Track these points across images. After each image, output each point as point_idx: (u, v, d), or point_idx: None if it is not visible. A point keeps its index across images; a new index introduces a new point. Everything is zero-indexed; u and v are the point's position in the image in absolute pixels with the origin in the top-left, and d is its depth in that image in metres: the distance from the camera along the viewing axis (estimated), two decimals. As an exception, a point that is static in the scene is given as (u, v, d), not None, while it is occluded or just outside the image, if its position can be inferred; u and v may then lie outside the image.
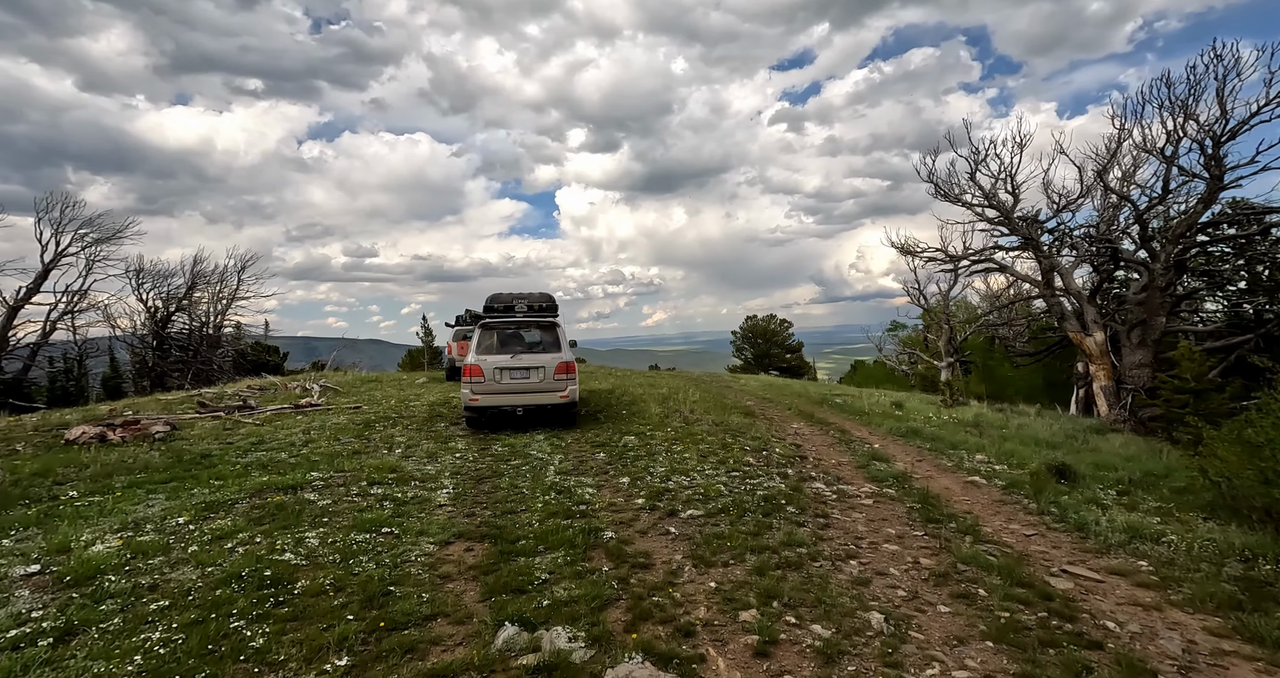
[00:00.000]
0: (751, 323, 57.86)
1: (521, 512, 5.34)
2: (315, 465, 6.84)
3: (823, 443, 9.32)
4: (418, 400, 13.14)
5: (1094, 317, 13.37)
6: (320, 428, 9.59)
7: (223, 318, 31.18)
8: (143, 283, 25.21)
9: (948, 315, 27.05)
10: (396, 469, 6.68)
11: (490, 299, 9.71)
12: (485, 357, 9.11)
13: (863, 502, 5.84)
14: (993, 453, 8.49)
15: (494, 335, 9.40)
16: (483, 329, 9.43)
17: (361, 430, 9.29)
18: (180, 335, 27.42)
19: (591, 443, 8.32)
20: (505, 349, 9.28)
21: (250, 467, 6.91)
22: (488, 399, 8.95)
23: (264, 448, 8.02)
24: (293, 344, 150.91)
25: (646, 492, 5.92)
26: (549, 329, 9.55)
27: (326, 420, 10.37)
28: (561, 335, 9.47)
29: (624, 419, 10.20)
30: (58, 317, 22.12)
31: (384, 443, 8.30)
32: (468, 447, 8.14)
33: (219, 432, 9.34)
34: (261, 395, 14.25)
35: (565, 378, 9.13)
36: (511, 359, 9.09)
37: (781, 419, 12.03)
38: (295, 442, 8.45)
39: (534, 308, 9.63)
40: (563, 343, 9.37)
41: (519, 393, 9.05)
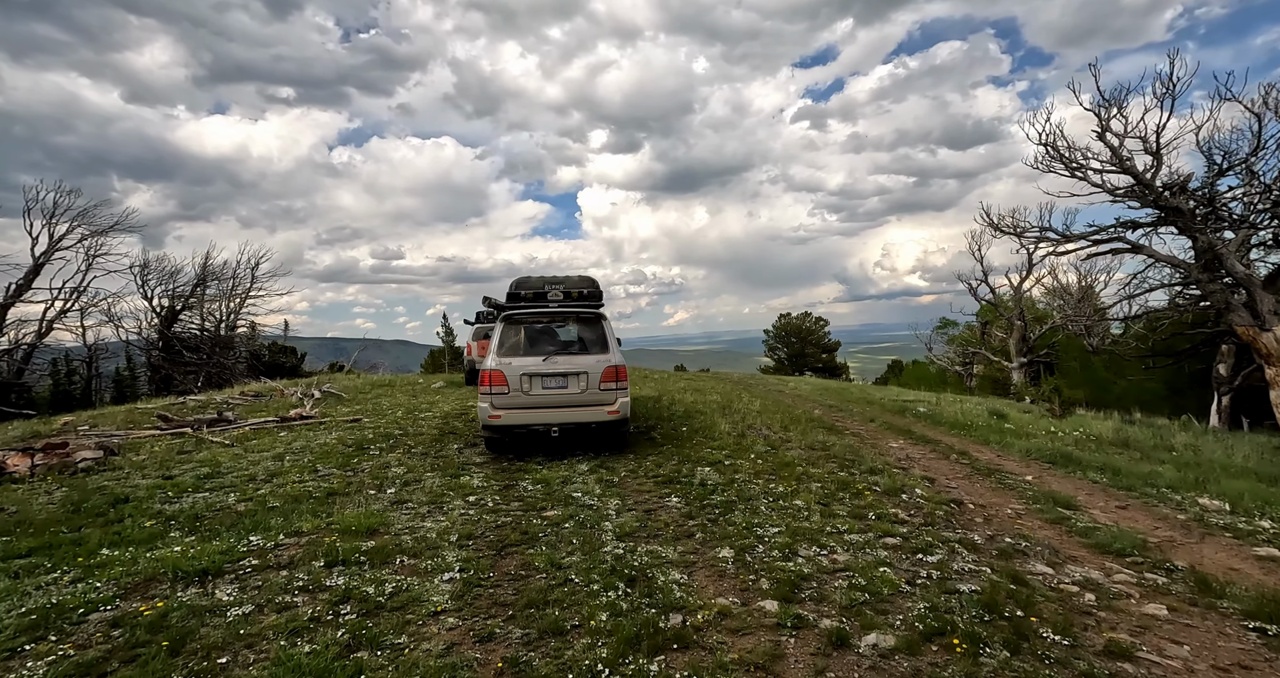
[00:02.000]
0: (785, 321, 55.19)
1: (573, 629, 3.09)
2: (263, 521, 4.68)
3: (956, 474, 6.92)
4: (429, 411, 11.03)
5: (1272, 306, 10.68)
6: (300, 451, 7.49)
7: (235, 317, 29.72)
8: (148, 280, 23.74)
9: (1021, 311, 24.18)
10: (379, 529, 4.49)
11: (515, 284, 7.49)
12: (510, 359, 6.89)
13: (1147, 610, 3.45)
14: (1220, 495, 6.00)
15: (520, 332, 7.17)
16: (506, 324, 7.21)
17: (350, 456, 7.16)
18: (189, 336, 25.95)
19: (655, 478, 6.04)
20: (535, 350, 7.05)
21: (173, 521, 4.78)
22: (513, 416, 6.74)
23: (211, 485, 5.91)
24: (322, 345, 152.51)
25: (771, 582, 3.62)
26: (592, 323, 7.30)
27: (312, 440, 8.29)
28: (608, 331, 7.21)
29: (687, 439, 7.92)
30: (55, 316, 20.64)
31: (374, 477, 6.13)
32: (486, 483, 5.94)
33: (170, 457, 7.29)
34: (249, 405, 12.30)
35: (614, 387, 6.88)
36: (544, 363, 6.86)
37: (873, 435, 9.63)
38: (258, 474, 6.34)
39: (572, 296, 7.37)
40: (610, 341, 7.12)
41: (554, 408, 6.82)
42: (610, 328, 7.21)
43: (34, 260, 19.13)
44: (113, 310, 23.08)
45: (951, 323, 42.43)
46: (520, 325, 7.17)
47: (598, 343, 7.09)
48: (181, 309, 24.75)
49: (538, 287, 7.44)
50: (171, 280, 24.46)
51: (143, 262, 23.55)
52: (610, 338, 7.12)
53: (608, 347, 7.04)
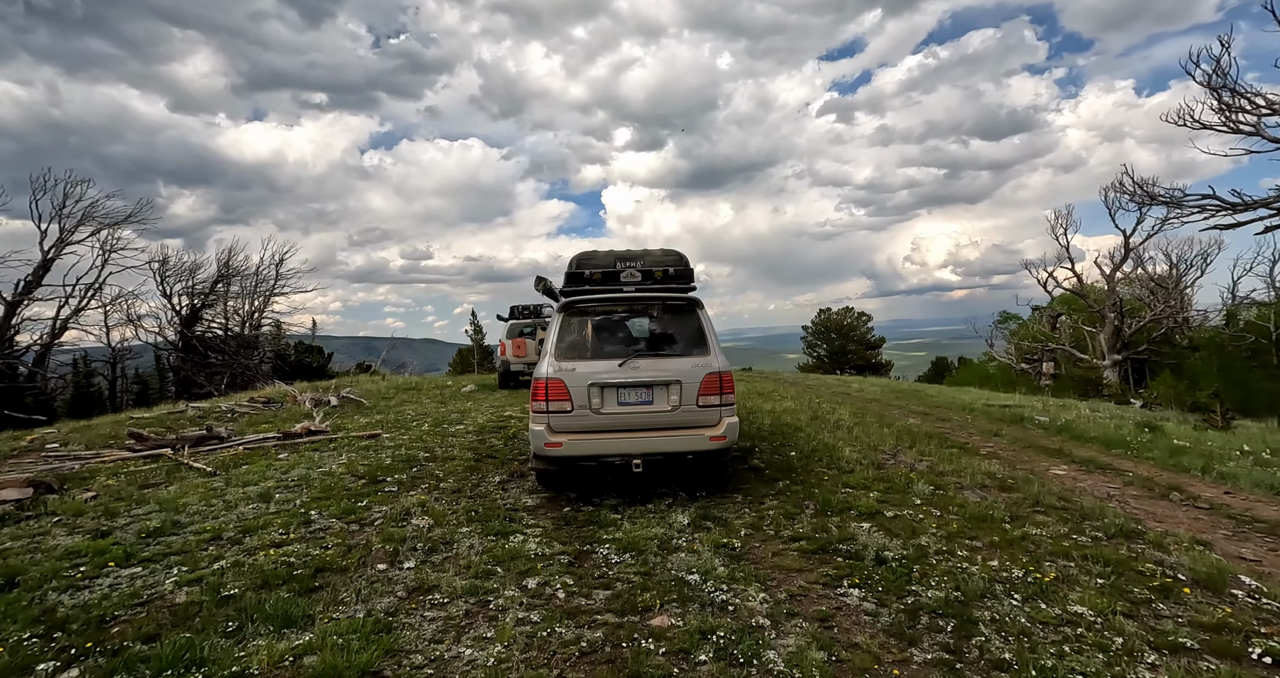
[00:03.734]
0: (825, 317, 52.61)
1: None
2: (197, 643, 2.81)
3: (1218, 529, 4.75)
4: (461, 423, 9.21)
5: None
6: (295, 485, 5.69)
7: (260, 316, 28.59)
8: (167, 276, 22.59)
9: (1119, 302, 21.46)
10: (379, 672, 2.59)
11: (577, 262, 5.53)
12: (572, 364, 4.94)
13: None
14: None
15: (586, 326, 5.19)
16: (566, 315, 5.25)
17: (358, 495, 5.31)
18: (210, 336, 24.83)
19: (795, 542, 4.03)
20: (607, 351, 5.07)
21: (55, 635, 2.96)
22: (579, 443, 4.79)
23: (155, 549, 4.09)
24: (354, 344, 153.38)
25: None
26: (685, 313, 5.28)
27: (315, 466, 6.50)
28: (706, 324, 5.20)
29: (804, 469, 5.89)
30: (70, 315, 19.53)
31: (385, 539, 4.23)
32: (547, 548, 4.01)
33: (128, 493, 5.54)
34: (254, 414, 10.65)
35: (717, 403, 4.89)
36: (620, 369, 4.90)
37: (1018, 457, 7.46)
38: (228, 527, 4.51)
39: (654, 275, 5.38)
40: (709, 337, 5.10)
41: (635, 431, 4.86)
42: (709, 320, 5.21)
43: (43, 255, 17.99)
44: (132, 310, 22.04)
45: (1013, 316, 39.40)
46: (586, 318, 5.20)
47: (693, 340, 5.09)
48: (202, 307, 23.59)
49: (607, 264, 5.47)
50: (191, 277, 23.32)
51: (161, 257, 22.43)
52: (710, 333, 5.12)
53: (707, 345, 5.04)
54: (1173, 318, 20.62)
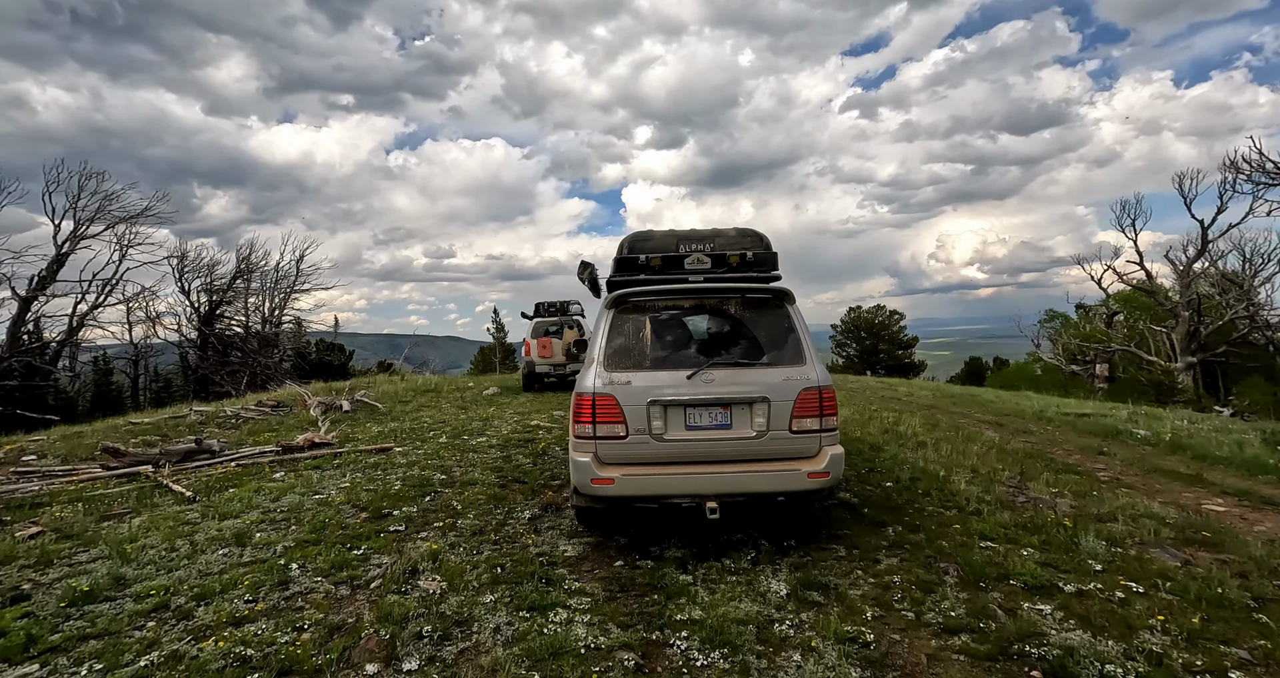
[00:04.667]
0: (855, 315, 50.83)
1: None
2: None
3: None
4: (483, 435, 8.14)
5: None
6: (282, 522, 4.64)
7: (280, 313, 28.07)
8: (185, 272, 22.05)
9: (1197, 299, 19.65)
10: None
11: (630, 244, 4.32)
12: (627, 376, 3.77)
13: None
14: None
15: (644, 327, 4.00)
16: (617, 312, 4.04)
17: (355, 537, 4.23)
18: (230, 334, 24.30)
19: (958, 641, 2.82)
20: (671, 358, 3.88)
21: None
22: (636, 480, 3.63)
23: (77, 624, 3.04)
24: (379, 341, 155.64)
25: None
26: (770, 310, 4.03)
27: (310, 492, 5.45)
28: (799, 323, 3.97)
29: (915, 509, 4.64)
30: (87, 311, 19.02)
31: (379, 613, 3.13)
32: (600, 635, 2.87)
33: (79, 531, 4.53)
34: (258, 421, 9.73)
35: (816, 428, 3.69)
36: (689, 383, 3.72)
37: (1146, 485, 6.12)
38: (186, 585, 3.46)
39: (729, 262, 4.18)
40: (804, 341, 3.87)
41: (709, 464, 3.69)
42: (801, 318, 3.99)
43: (57, 250, 17.46)
44: (150, 306, 21.55)
45: (1060, 315, 37.29)
46: (643, 316, 4.02)
47: (783, 344, 3.88)
48: (220, 304, 23.03)
49: (667, 247, 4.29)
50: (210, 273, 22.78)
51: (180, 253, 21.90)
52: (804, 336, 3.91)
53: (801, 352, 3.83)
54: (1253, 317, 18.78)
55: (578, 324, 14.03)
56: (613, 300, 3.97)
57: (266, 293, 25.57)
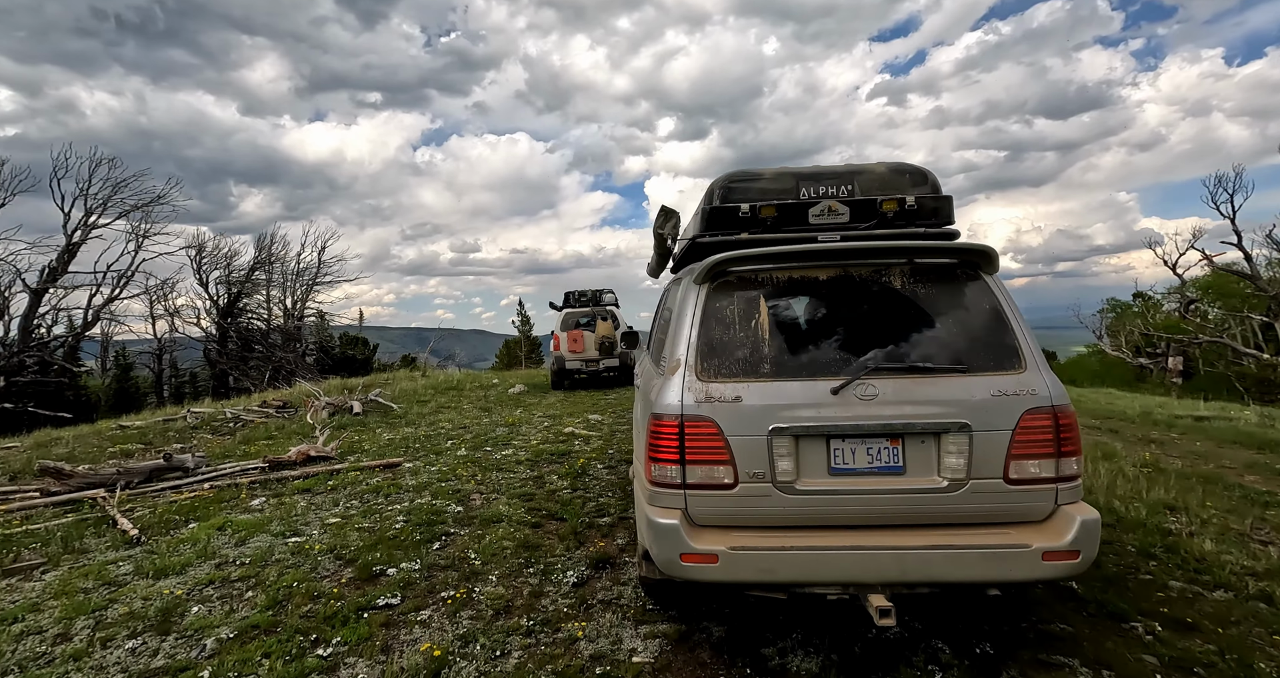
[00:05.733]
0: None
1: None
2: None
3: None
4: (509, 446, 6.83)
5: None
6: (235, 586, 3.37)
7: (302, 306, 27.35)
8: (203, 264, 21.30)
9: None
10: None
11: (726, 188, 2.87)
12: (733, 387, 2.36)
13: None
14: None
15: (755, 309, 2.52)
16: (711, 289, 2.57)
17: (326, 621, 2.92)
18: (251, 328, 23.56)
19: None
20: (804, 362, 2.42)
21: None
22: (758, 558, 2.25)
23: None
24: (406, 335, 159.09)
25: None
26: (959, 284, 2.49)
27: (288, 532, 4.18)
28: (1006, 304, 2.45)
29: (1133, 579, 3.18)
30: (102, 304, 18.33)
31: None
32: None
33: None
34: (253, 427, 8.58)
35: (1050, 475, 2.24)
36: (837, 399, 2.29)
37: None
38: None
39: (879, 211, 2.70)
40: (1019, 332, 2.38)
41: (872, 531, 2.28)
42: (1009, 296, 2.49)
43: (67, 239, 16.70)
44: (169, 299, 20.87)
45: (1122, 304, 34.71)
46: (754, 294, 2.56)
47: (986, 338, 2.38)
48: (239, 296, 22.27)
49: (782, 191, 2.84)
50: (228, 265, 22.00)
51: (198, 244, 21.15)
52: (1018, 324, 2.41)
53: (1017, 349, 2.34)
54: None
55: (611, 315, 12.67)
56: (708, 271, 2.54)
57: (288, 286, 24.79)
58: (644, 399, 2.92)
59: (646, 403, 2.73)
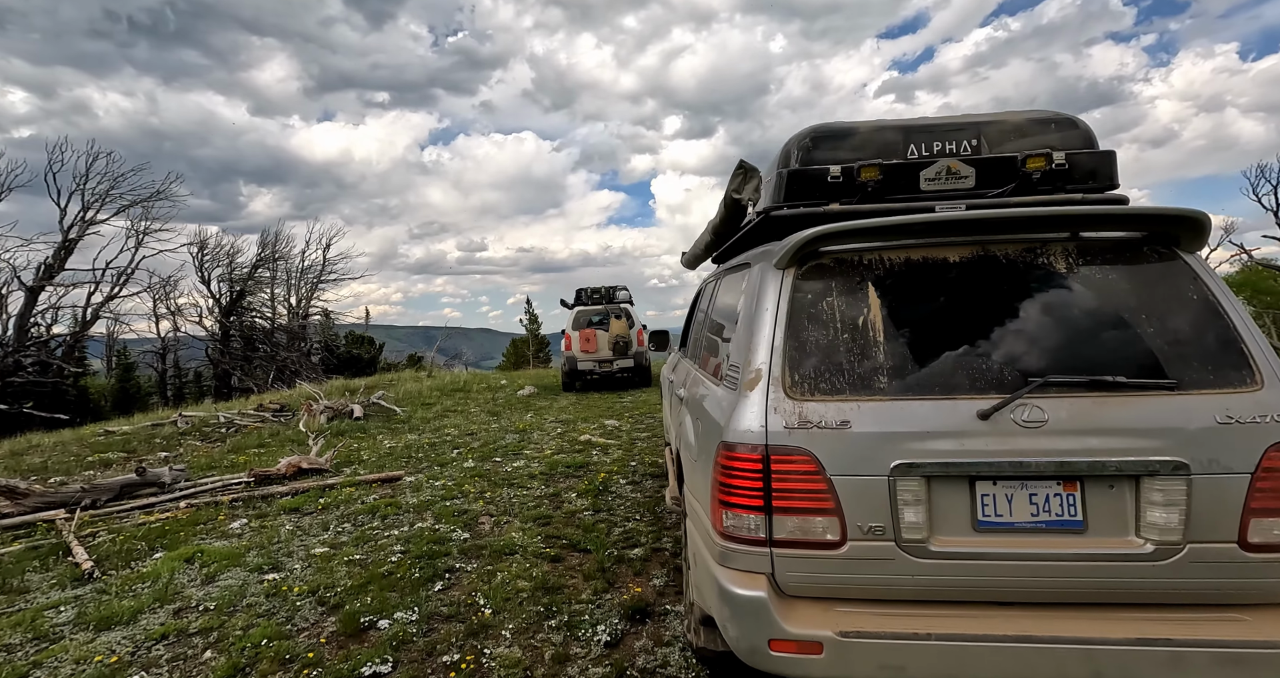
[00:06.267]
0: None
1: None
2: None
3: None
4: (520, 457, 6.21)
5: None
6: (196, 638, 2.76)
7: (307, 304, 26.88)
8: (205, 261, 20.83)
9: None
10: None
11: (811, 145, 2.16)
12: (842, 408, 1.72)
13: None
14: None
15: (863, 302, 1.82)
16: (804, 275, 1.88)
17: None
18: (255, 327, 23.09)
19: None
20: (935, 374, 1.73)
21: None
22: (881, 649, 1.62)
23: None
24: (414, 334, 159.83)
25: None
26: (1148, 264, 1.79)
27: (265, 565, 3.57)
28: (1218, 291, 1.75)
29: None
30: (101, 302, 17.88)
31: None
32: None
33: None
34: (246, 432, 8.01)
35: None
36: (987, 427, 1.65)
37: None
38: None
39: (1020, 172, 1.96)
40: (1244, 329, 1.70)
41: (1043, 611, 1.63)
42: (1221, 284, 1.79)
43: (63, 235, 16.22)
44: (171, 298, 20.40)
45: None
46: (857, 281, 1.86)
47: (1197, 341, 1.70)
48: (241, 293, 21.78)
49: (885, 148, 2.17)
50: (231, 261, 21.52)
51: (199, 241, 20.67)
52: (1242, 319, 1.73)
53: (1245, 356, 1.65)
54: None
55: (626, 313, 12.03)
56: (796, 251, 1.88)
57: (293, 284, 24.31)
58: (699, 416, 2.28)
59: (707, 423, 2.10)
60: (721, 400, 2.03)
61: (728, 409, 1.90)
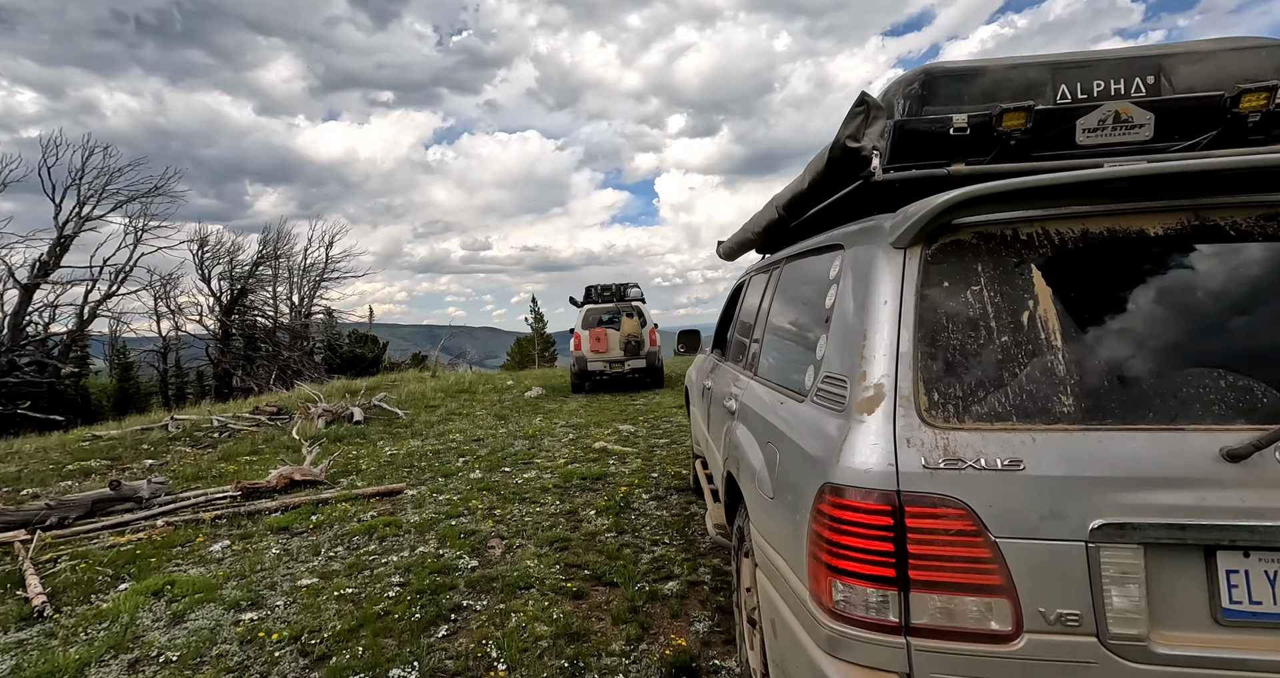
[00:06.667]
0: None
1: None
2: None
3: None
4: (533, 466, 5.72)
5: None
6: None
7: (310, 302, 26.49)
8: (205, 259, 20.43)
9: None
10: None
11: (926, 90, 1.65)
12: (1006, 444, 1.23)
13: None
14: None
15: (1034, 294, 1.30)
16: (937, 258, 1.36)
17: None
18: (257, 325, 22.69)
19: None
20: (1143, 393, 1.22)
21: None
22: None
23: None
24: (418, 332, 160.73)
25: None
26: None
27: (244, 600, 3.10)
28: None
29: None
30: (99, 300, 17.49)
31: None
32: None
33: None
34: (239, 437, 7.54)
35: None
36: (1239, 474, 1.15)
37: None
38: None
39: (1234, 114, 1.49)
40: None
41: None
42: None
43: (58, 231, 15.81)
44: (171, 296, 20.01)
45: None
46: (1017, 262, 1.32)
47: None
48: (242, 292, 21.38)
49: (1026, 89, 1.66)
50: (231, 259, 21.11)
51: (200, 238, 20.26)
52: None
53: None
54: None
55: (638, 311, 11.54)
56: (927, 224, 1.37)
57: (295, 283, 23.90)
58: (772, 439, 1.79)
59: (791, 453, 1.60)
60: (816, 424, 1.52)
61: (832, 438, 1.39)
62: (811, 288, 1.96)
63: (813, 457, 1.44)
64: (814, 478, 1.40)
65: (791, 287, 2.26)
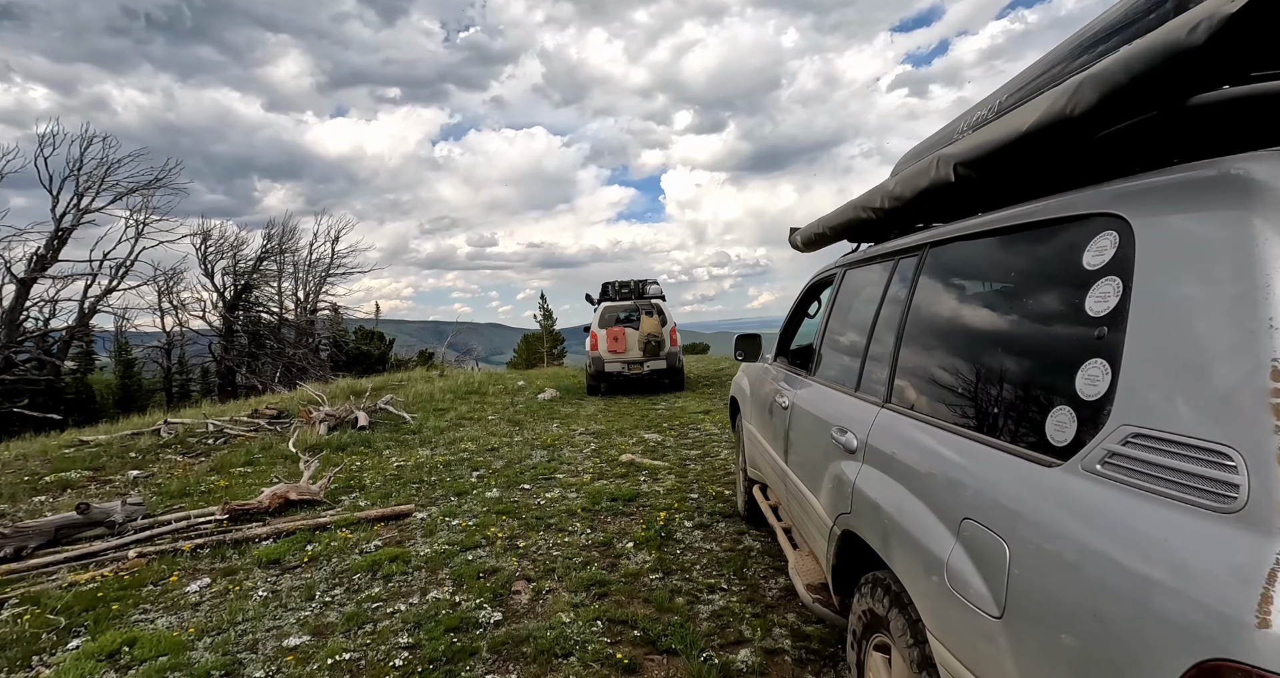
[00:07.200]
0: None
1: None
2: None
3: None
4: (556, 484, 5.10)
5: None
6: None
7: (315, 299, 25.99)
8: (208, 252, 19.94)
9: None
10: None
11: None
12: None
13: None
14: None
15: None
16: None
17: None
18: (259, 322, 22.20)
19: None
20: None
21: None
22: None
23: None
24: (424, 328, 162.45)
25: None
26: None
27: (219, 667, 2.53)
28: None
29: None
30: (100, 295, 17.01)
31: None
32: None
33: None
34: (234, 446, 6.96)
35: None
36: None
37: None
38: None
39: None
40: None
41: None
42: None
43: (56, 224, 15.32)
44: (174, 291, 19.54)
45: None
46: None
47: None
48: (246, 287, 20.89)
49: None
50: (235, 253, 20.61)
51: (203, 232, 19.77)
52: None
53: None
54: None
55: (658, 310, 10.91)
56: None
57: (300, 278, 23.40)
58: (991, 525, 1.16)
59: (1053, 561, 0.98)
60: (1133, 525, 0.88)
61: (1210, 570, 0.76)
62: (1031, 282, 1.32)
63: (1156, 599, 0.81)
64: (1161, 636, 0.77)
65: (960, 283, 1.63)
